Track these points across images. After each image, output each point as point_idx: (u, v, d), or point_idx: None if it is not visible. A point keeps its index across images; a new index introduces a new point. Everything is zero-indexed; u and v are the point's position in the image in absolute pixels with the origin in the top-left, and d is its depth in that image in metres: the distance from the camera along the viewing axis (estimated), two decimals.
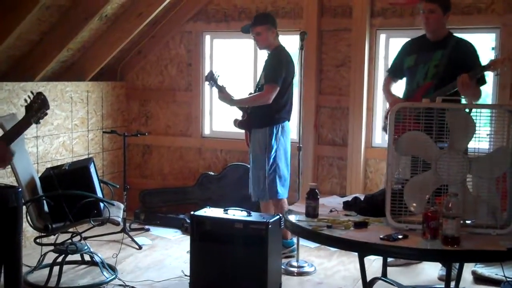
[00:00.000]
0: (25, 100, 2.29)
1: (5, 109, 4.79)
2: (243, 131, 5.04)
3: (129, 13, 5.55)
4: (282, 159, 4.83)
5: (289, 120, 4.91)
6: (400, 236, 2.85)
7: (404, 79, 4.48)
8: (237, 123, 5.02)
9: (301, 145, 4.70)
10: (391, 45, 5.43)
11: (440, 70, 4.17)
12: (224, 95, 4.89)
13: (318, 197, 3.30)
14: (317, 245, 4.89)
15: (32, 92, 2.33)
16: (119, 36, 5.67)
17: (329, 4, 5.48)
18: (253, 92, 5.01)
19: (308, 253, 4.91)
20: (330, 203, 3.54)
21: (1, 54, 4.69)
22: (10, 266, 3.29)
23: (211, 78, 4.94)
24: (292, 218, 3.28)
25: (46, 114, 2.36)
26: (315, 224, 3.10)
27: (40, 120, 2.35)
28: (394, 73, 4.55)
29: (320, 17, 5.49)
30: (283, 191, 4.84)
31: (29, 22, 4.52)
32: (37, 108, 2.34)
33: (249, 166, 5.24)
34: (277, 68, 4.75)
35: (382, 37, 5.43)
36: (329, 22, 5.50)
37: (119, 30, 5.63)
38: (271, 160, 4.76)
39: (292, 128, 4.96)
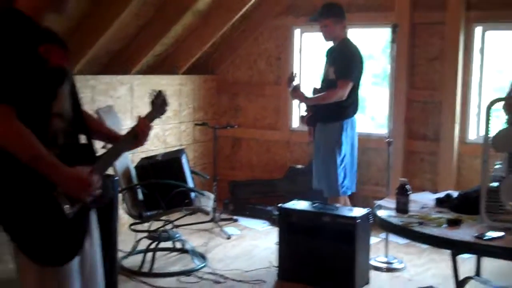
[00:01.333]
0: (149, 97, 2.62)
1: (103, 101, 5.01)
2: None
3: (221, 8, 5.65)
4: (348, 154, 4.69)
5: (356, 114, 4.75)
6: (495, 235, 2.76)
7: None
8: (305, 120, 4.90)
9: (391, 140, 4.62)
10: (487, 38, 5.24)
11: None
12: (298, 94, 4.77)
13: (409, 192, 3.24)
14: (407, 241, 4.80)
15: (154, 90, 2.64)
16: (210, 31, 5.78)
17: None
18: (319, 87, 4.82)
19: (397, 249, 4.83)
20: (422, 199, 3.48)
21: (101, 48, 4.90)
22: (107, 251, 3.44)
23: (291, 80, 4.81)
24: (382, 213, 3.25)
25: (166, 110, 2.66)
26: (406, 220, 3.06)
27: (161, 116, 2.64)
28: None
29: (413, 10, 5.36)
30: (349, 187, 4.72)
31: (126, 16, 4.70)
32: (160, 104, 2.62)
33: None
34: (350, 63, 4.60)
35: (478, 30, 5.24)
36: (422, 15, 5.37)
37: (211, 25, 5.75)
38: (342, 155, 4.64)
39: (383, 122, 4.86)
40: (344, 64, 4.59)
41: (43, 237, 2.11)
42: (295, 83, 4.79)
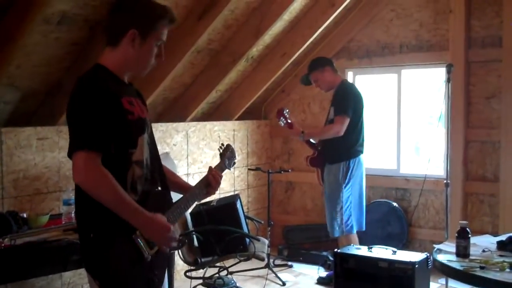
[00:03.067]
0: (218, 150, 2.84)
1: (159, 148, 5.09)
2: (386, 167, 4.94)
3: (273, 54, 5.73)
4: (357, 194, 4.79)
5: (362, 153, 4.84)
6: None
7: None
8: (308, 160, 5.00)
9: (449, 181, 4.53)
10: None
11: None
12: (294, 131, 4.92)
13: (469, 236, 3.15)
14: (468, 287, 4.60)
15: (222, 144, 2.86)
16: (263, 76, 5.86)
17: (476, 34, 5.28)
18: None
19: None
20: (482, 243, 3.37)
21: (158, 97, 5.02)
22: None
23: (282, 115, 4.92)
24: (442, 257, 3.15)
25: (235, 163, 2.85)
26: (466, 265, 2.96)
27: (231, 167, 2.83)
28: None
29: (468, 49, 5.29)
30: (355, 226, 4.80)
31: (182, 65, 4.82)
32: (229, 156, 2.80)
33: (393, 203, 5.12)
34: (346, 100, 4.74)
35: None
36: (477, 53, 5.29)
37: (264, 71, 5.83)
38: (348, 194, 4.72)
39: (438, 163, 4.78)
40: (340, 101, 4.76)
41: (125, 277, 2.20)
42: (289, 120, 4.92)
